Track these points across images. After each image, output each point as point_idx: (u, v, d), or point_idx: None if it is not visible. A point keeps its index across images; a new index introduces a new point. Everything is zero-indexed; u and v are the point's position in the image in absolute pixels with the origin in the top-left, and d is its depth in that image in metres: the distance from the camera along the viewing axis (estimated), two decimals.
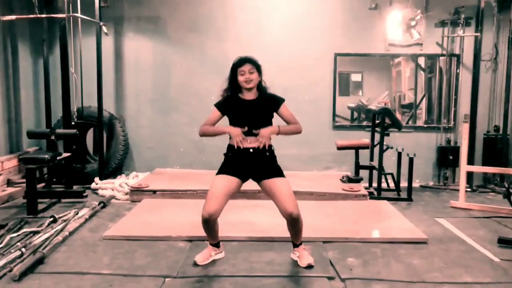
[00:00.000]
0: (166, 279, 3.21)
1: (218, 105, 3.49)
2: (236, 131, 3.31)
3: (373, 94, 7.13)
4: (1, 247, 3.77)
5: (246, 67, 3.37)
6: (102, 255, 3.68)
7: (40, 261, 3.48)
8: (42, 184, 6.05)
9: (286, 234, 3.48)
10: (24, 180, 5.91)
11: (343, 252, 3.73)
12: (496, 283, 3.14)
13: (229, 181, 3.34)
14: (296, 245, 3.53)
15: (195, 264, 3.43)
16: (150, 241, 3.98)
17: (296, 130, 3.46)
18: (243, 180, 3.42)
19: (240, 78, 3.38)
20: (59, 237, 3.98)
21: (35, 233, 4.14)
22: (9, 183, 5.86)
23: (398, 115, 6.86)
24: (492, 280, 3.19)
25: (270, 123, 3.44)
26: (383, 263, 3.50)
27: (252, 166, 3.37)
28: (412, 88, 7.08)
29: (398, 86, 7.17)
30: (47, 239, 3.92)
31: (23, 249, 3.64)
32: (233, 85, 3.45)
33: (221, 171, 3.40)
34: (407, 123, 6.89)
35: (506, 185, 4.37)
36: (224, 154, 3.47)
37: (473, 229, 4.44)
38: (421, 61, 6.89)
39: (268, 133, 3.32)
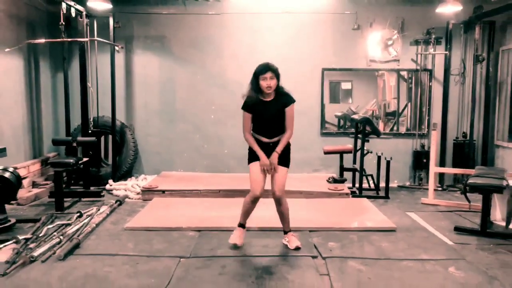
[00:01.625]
0: (181, 259, 3.92)
1: (245, 107, 4.11)
2: (263, 162, 4.05)
3: (362, 101, 7.75)
4: (42, 236, 4.52)
5: (268, 74, 3.96)
6: (126, 242, 4.40)
7: (77, 246, 4.20)
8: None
9: (279, 225, 4.25)
10: (47, 182, 6.71)
11: (325, 238, 4.49)
12: (447, 259, 3.92)
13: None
14: (286, 232, 4.27)
15: (236, 247, 4.17)
16: (164, 231, 4.70)
17: (287, 142, 4.12)
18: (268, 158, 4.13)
19: (262, 84, 3.97)
20: (88, 228, 4.74)
21: (67, 225, 4.87)
22: (34, 184, 6.55)
23: (381, 124, 7.64)
24: (444, 257, 3.98)
25: (284, 117, 4.07)
26: (357, 246, 4.28)
27: (269, 151, 4.09)
28: (395, 97, 7.70)
29: (383, 95, 7.79)
30: (78, 229, 4.65)
31: (61, 237, 4.39)
32: (256, 88, 4.04)
33: (252, 158, 4.15)
34: (391, 129, 7.61)
35: (463, 184, 5.11)
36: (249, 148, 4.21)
37: (437, 220, 5.24)
38: (404, 72, 7.52)
39: (276, 160, 4.03)
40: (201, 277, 3.56)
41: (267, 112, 4.06)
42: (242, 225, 4.30)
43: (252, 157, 4.15)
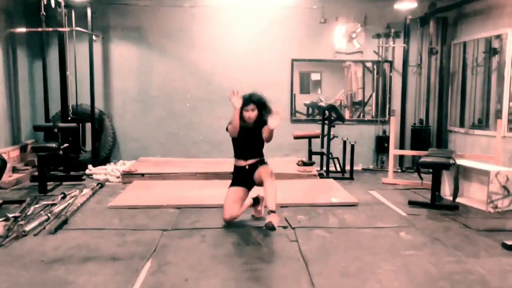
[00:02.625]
0: (164, 232, 4.29)
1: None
2: (237, 105, 4.28)
3: (331, 92, 8.19)
4: (30, 214, 4.81)
5: (250, 107, 4.35)
6: (111, 218, 4.74)
7: (65, 221, 4.52)
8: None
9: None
10: (27, 167, 6.96)
11: (295, 212, 4.96)
12: (399, 227, 4.46)
13: (237, 191, 4.46)
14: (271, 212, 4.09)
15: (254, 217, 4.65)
16: (146, 209, 5.06)
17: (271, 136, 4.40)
18: (248, 188, 4.54)
19: (245, 114, 4.36)
20: (74, 207, 5.05)
21: (52, 205, 5.16)
22: (14, 169, 6.77)
23: (347, 112, 8.15)
24: (397, 225, 4.52)
25: (262, 144, 4.50)
26: (323, 218, 4.77)
27: (247, 177, 4.43)
28: (361, 87, 8.20)
29: (350, 86, 8.25)
30: (64, 208, 4.98)
31: (49, 215, 4.69)
32: (241, 115, 4.36)
33: (231, 184, 4.54)
34: (358, 117, 8.12)
35: (416, 163, 5.67)
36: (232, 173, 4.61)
37: (394, 196, 5.80)
38: (369, 63, 8.03)
39: (280, 120, 4.14)
40: (183, 245, 3.95)
41: (247, 137, 4.42)
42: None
43: (232, 181, 4.55)
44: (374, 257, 3.65)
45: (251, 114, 4.37)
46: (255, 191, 4.68)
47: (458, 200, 5.30)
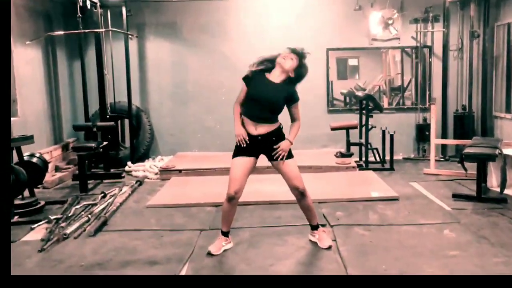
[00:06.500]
0: (202, 232, 4.29)
1: (246, 79, 3.68)
2: (238, 131, 3.62)
3: (369, 77, 8.02)
4: (71, 216, 4.91)
5: (289, 55, 3.59)
6: (149, 218, 4.78)
7: (105, 223, 4.56)
8: None
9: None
10: (69, 165, 7.12)
11: (333, 208, 4.85)
12: (442, 223, 4.29)
13: (246, 162, 3.63)
14: (314, 227, 3.89)
15: (209, 254, 3.71)
16: (184, 207, 5.07)
17: (298, 131, 3.73)
18: (256, 157, 3.70)
19: (279, 60, 3.57)
20: (113, 207, 5.13)
21: (93, 205, 5.22)
22: (57, 169, 6.95)
23: (386, 99, 7.94)
24: (440, 222, 4.34)
25: (280, 110, 3.64)
26: (362, 214, 4.66)
27: (263, 148, 3.66)
28: (399, 73, 7.98)
29: (388, 71, 8.05)
30: (104, 208, 5.03)
31: (89, 216, 4.77)
32: (268, 62, 3.65)
33: (236, 153, 3.67)
34: (397, 104, 7.90)
35: (460, 154, 5.42)
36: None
37: (437, 188, 5.60)
38: (407, 49, 7.78)
39: (288, 148, 3.64)
40: None
41: (266, 93, 3.58)
42: (224, 233, 3.84)
43: (237, 151, 3.68)
44: (416, 258, 3.52)
45: (288, 61, 3.58)
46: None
47: (506, 192, 5.02)
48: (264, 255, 3.72)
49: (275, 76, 3.62)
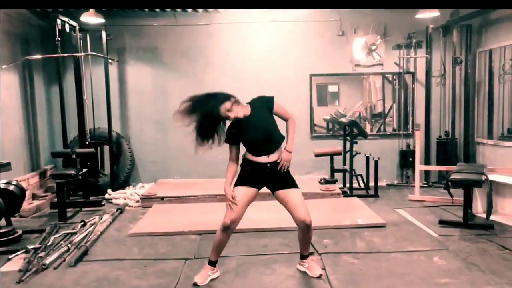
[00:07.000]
0: (187, 261, 4.16)
1: (228, 140, 3.62)
2: (227, 193, 3.54)
3: (349, 103, 8.04)
4: (50, 245, 4.70)
5: (227, 105, 3.43)
6: (131, 247, 4.62)
7: (85, 252, 4.40)
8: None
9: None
10: (47, 193, 6.90)
11: (320, 236, 4.75)
12: (431, 250, 4.24)
13: (248, 192, 3.55)
14: (304, 257, 3.81)
15: (195, 285, 3.59)
16: (167, 236, 4.92)
17: (295, 131, 3.67)
18: (259, 188, 3.61)
19: (230, 115, 3.44)
20: (94, 236, 4.95)
21: (73, 234, 5.04)
22: (34, 196, 6.72)
23: (368, 125, 7.97)
24: (429, 248, 4.29)
25: (277, 127, 3.57)
26: (350, 242, 4.58)
27: (268, 178, 3.56)
28: (380, 99, 8.03)
29: (369, 97, 8.10)
30: (84, 237, 4.86)
31: (69, 245, 4.59)
32: (227, 111, 3.47)
33: (240, 182, 3.60)
34: (378, 130, 7.93)
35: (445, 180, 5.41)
36: (241, 166, 3.64)
37: (423, 215, 5.57)
38: (388, 75, 7.83)
39: (290, 158, 3.56)
40: None
41: (257, 128, 3.53)
42: (212, 263, 3.73)
43: (242, 179, 3.62)
44: (407, 287, 3.45)
45: (241, 111, 3.46)
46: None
47: (492, 217, 5.01)
48: (252, 285, 3.62)
49: (243, 111, 3.49)
